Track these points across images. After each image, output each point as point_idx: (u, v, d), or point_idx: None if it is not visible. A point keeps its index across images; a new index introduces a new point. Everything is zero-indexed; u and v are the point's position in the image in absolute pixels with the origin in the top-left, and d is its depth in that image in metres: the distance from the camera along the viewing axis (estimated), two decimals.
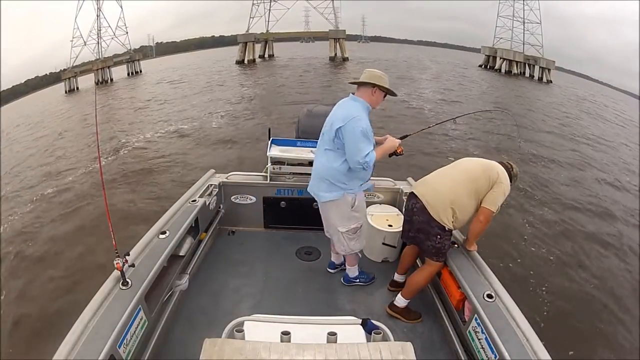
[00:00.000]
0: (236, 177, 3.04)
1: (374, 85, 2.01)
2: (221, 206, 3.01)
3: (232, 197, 3.03)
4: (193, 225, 2.44)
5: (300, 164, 2.93)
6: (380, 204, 2.96)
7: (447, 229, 2.00)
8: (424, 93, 18.49)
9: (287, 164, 2.92)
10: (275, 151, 2.89)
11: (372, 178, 3.00)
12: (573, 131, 13.41)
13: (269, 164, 2.89)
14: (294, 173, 2.94)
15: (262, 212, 3.06)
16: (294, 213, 3.02)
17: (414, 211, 2.10)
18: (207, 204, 2.62)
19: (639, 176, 8.96)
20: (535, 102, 19.95)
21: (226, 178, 3.00)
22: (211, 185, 2.84)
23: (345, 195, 2.12)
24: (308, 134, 3.09)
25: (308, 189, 2.27)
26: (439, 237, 2.02)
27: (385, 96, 2.09)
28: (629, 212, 6.67)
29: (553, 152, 9.96)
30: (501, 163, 2.12)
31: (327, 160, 2.09)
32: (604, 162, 9.91)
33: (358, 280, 2.48)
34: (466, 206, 1.99)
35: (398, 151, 2.16)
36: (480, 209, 2.00)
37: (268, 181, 2.93)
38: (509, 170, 2.08)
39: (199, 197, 2.61)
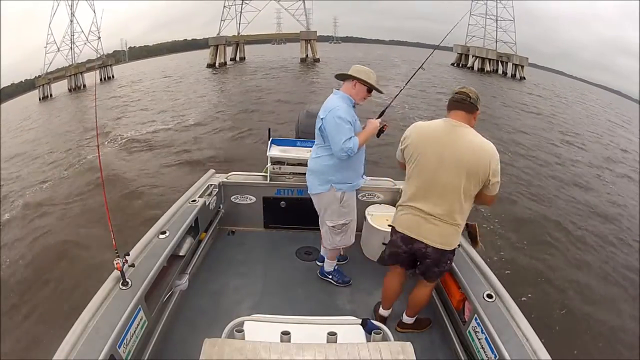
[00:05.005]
0: (236, 177, 3.04)
1: (354, 79, 2.08)
2: (221, 206, 3.01)
3: (232, 197, 3.03)
4: (193, 225, 2.43)
5: (300, 164, 2.93)
6: (380, 204, 2.96)
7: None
8: (388, 87, 19.09)
9: (287, 164, 2.92)
10: (275, 151, 2.88)
11: (372, 178, 3.03)
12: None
13: (269, 164, 2.89)
14: (294, 173, 2.94)
15: (262, 212, 3.05)
16: (293, 213, 3.01)
17: (424, 252, 1.79)
18: (207, 204, 2.62)
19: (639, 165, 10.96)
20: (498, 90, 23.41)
21: (226, 178, 3.00)
22: (211, 185, 2.83)
23: (333, 189, 2.17)
24: (308, 134, 3.09)
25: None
26: (449, 261, 1.86)
27: (370, 92, 2.13)
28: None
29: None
30: (462, 101, 1.69)
31: (315, 154, 2.22)
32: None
33: (331, 277, 2.50)
34: (467, 211, 1.76)
35: (384, 129, 2.16)
36: (484, 198, 1.75)
37: (268, 181, 2.93)
38: (475, 98, 1.69)
39: (198, 197, 2.60)
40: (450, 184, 1.65)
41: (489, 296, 1.76)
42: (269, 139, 2.96)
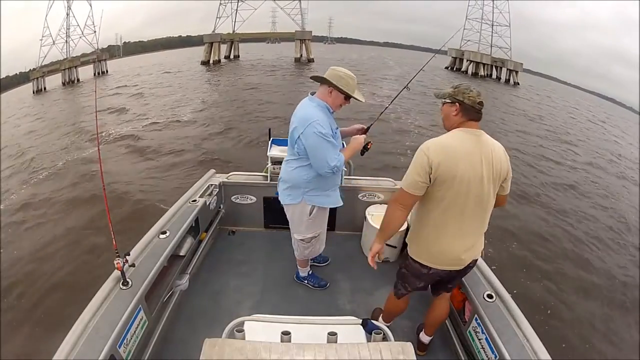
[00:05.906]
0: (236, 177, 3.04)
1: (330, 84, 1.87)
2: (221, 206, 3.01)
3: (232, 197, 3.03)
4: (193, 225, 2.44)
5: None
6: (380, 204, 2.96)
7: None
8: (382, 89, 19.24)
9: None
10: (275, 151, 2.88)
11: (372, 178, 3.03)
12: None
13: (269, 164, 2.89)
14: None
15: (263, 212, 3.05)
16: None
17: (461, 270, 1.65)
18: (207, 204, 2.62)
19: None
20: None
21: (226, 178, 3.00)
22: (211, 185, 2.84)
23: (304, 202, 2.05)
24: None
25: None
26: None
27: (348, 99, 1.92)
28: None
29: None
30: (481, 112, 1.51)
31: (288, 165, 2.04)
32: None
33: (307, 282, 2.49)
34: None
35: (368, 146, 2.09)
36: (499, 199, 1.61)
37: (268, 181, 2.93)
38: (463, 97, 1.49)
39: (199, 197, 2.61)
40: (491, 197, 1.51)
41: (489, 296, 1.77)
42: (269, 139, 2.96)
